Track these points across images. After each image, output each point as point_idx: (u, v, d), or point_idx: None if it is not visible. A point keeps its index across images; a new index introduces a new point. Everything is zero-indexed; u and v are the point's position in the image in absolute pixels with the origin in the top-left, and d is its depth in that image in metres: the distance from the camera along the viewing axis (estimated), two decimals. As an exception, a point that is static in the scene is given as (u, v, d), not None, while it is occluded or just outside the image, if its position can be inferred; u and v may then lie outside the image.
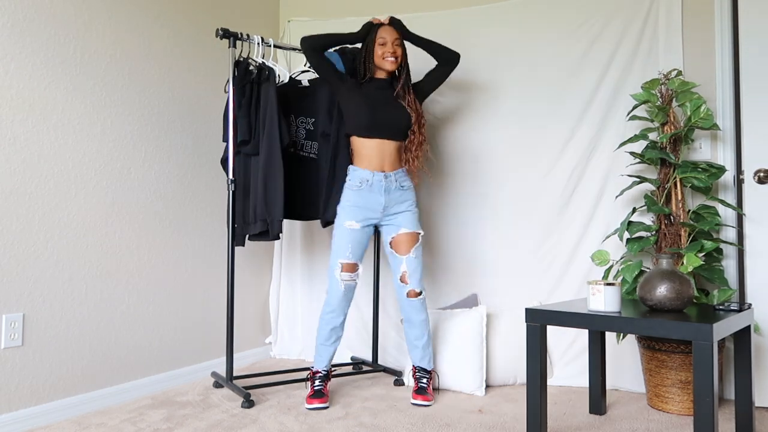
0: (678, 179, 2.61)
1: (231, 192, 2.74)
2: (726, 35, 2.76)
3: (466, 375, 2.77)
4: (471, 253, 3.25)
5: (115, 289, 2.63)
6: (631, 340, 2.85)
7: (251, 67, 2.80)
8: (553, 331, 3.02)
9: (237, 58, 2.80)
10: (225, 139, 2.81)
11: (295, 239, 3.57)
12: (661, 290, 1.97)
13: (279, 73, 2.92)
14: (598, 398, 2.46)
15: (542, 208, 3.11)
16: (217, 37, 2.81)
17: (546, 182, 3.11)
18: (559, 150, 3.08)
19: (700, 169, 2.58)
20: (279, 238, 2.79)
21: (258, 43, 2.86)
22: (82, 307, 2.48)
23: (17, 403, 2.24)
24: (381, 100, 2.65)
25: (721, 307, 2.05)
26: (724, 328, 1.84)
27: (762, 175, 2.55)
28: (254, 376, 3.00)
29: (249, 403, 2.54)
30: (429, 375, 2.70)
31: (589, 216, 3.00)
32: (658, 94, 2.71)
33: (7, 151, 2.22)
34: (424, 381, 2.67)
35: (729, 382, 2.65)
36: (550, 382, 2.95)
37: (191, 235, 3.02)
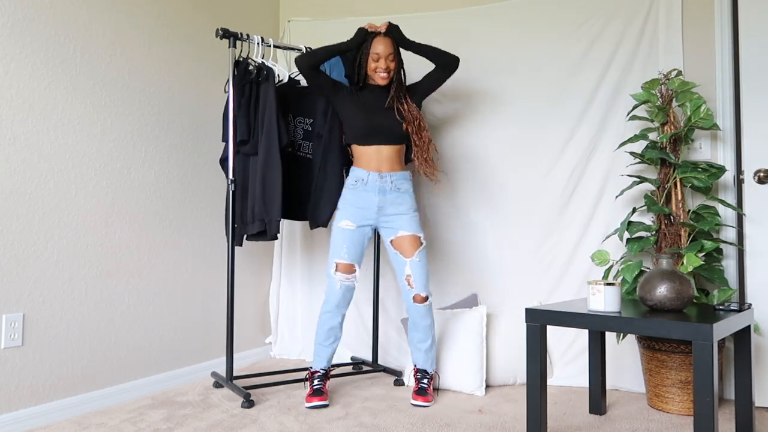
0: (678, 179, 2.61)
1: (231, 192, 2.74)
2: (726, 35, 2.76)
3: (466, 375, 2.77)
4: (471, 253, 3.25)
5: (115, 289, 2.63)
6: (631, 340, 2.85)
7: (251, 67, 2.80)
8: (553, 331, 3.02)
9: (237, 58, 2.80)
10: (225, 139, 2.81)
11: (295, 239, 3.57)
12: (661, 290, 1.97)
13: (279, 73, 2.92)
14: (598, 398, 2.46)
15: (542, 208, 3.11)
16: (217, 37, 2.81)
17: (546, 182, 3.10)
18: (559, 150, 3.08)
19: (700, 169, 2.58)
20: (276, 239, 2.79)
21: (258, 43, 2.86)
22: (82, 307, 2.48)
23: (17, 403, 2.24)
24: (376, 107, 2.65)
25: (721, 307, 2.05)
26: (724, 328, 1.84)
27: (762, 175, 2.55)
28: (254, 376, 3.00)
29: (249, 403, 2.54)
30: (430, 376, 2.70)
31: (589, 216, 3.00)
32: (658, 94, 2.71)
33: (7, 151, 2.22)
34: (425, 382, 2.66)
35: (729, 382, 2.65)
36: (550, 382, 2.95)
37: (191, 235, 3.02)
